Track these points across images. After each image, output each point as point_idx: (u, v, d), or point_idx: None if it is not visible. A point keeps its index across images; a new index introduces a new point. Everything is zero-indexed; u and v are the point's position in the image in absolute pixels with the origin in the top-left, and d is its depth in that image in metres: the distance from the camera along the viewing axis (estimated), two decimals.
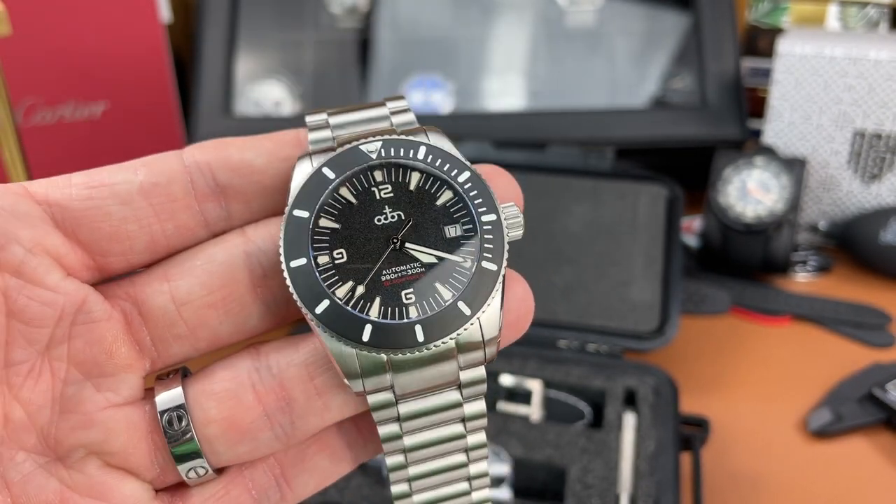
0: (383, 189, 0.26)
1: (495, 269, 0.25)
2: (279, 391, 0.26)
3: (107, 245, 0.25)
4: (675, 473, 0.59)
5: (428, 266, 0.25)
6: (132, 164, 0.26)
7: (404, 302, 0.25)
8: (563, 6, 0.95)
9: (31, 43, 0.80)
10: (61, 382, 0.25)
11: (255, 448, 0.26)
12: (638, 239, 0.77)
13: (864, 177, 0.86)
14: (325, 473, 0.27)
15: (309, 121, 0.27)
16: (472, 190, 0.26)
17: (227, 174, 0.26)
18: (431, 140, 0.26)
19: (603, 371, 0.67)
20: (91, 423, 0.25)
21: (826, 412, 0.68)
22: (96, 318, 0.25)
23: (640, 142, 0.88)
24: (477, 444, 0.27)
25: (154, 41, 0.85)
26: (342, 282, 0.25)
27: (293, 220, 0.25)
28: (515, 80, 0.94)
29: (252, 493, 0.27)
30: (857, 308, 0.80)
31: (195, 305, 0.26)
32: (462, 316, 0.25)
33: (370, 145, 0.25)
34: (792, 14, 1.01)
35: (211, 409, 0.26)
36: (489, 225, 0.25)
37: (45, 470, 0.25)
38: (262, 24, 0.93)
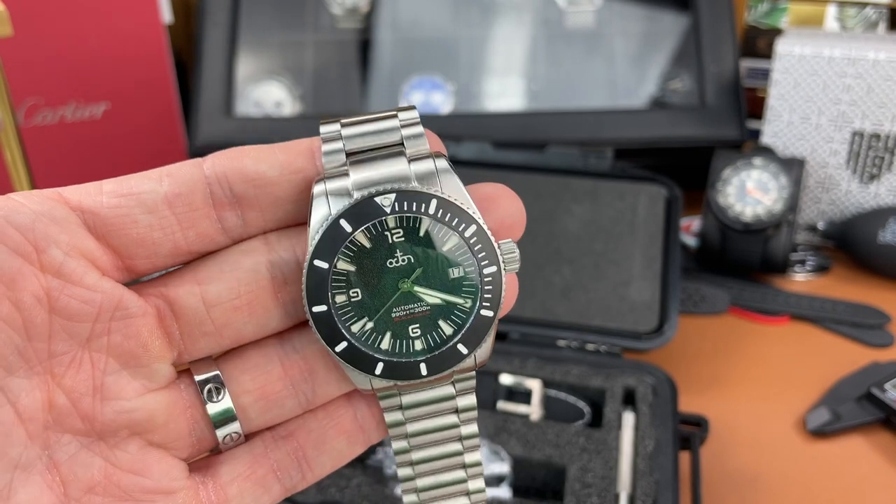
0: (395, 234, 0.28)
1: (491, 316, 0.29)
2: (303, 364, 0.29)
3: (134, 249, 0.27)
4: (674, 472, 0.59)
5: (433, 306, 0.28)
6: (157, 174, 0.28)
7: (411, 336, 0.28)
8: (563, 7, 0.95)
9: (32, 44, 0.80)
10: (101, 372, 0.27)
11: (281, 413, 0.29)
12: (637, 239, 0.77)
13: (862, 177, 0.86)
14: (341, 454, 0.30)
15: (323, 131, 0.29)
16: (477, 244, 0.28)
17: (242, 185, 0.28)
18: (443, 185, 0.28)
19: (602, 370, 0.67)
20: (133, 408, 0.27)
21: (824, 411, 0.68)
22: (133, 314, 0.27)
23: (640, 142, 0.88)
24: (470, 434, 0.30)
25: (155, 42, 0.86)
26: (357, 318, 0.28)
27: (313, 269, 0.28)
28: (515, 80, 0.94)
29: (276, 474, 0.29)
30: (856, 308, 0.80)
31: (223, 308, 0.28)
32: (460, 354, 0.28)
33: (384, 198, 0.28)
34: (790, 15, 1.01)
35: (245, 382, 0.29)
36: (489, 276, 0.28)
37: (90, 450, 0.27)
38: (263, 24, 0.94)
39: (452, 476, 0.31)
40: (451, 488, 0.31)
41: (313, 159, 0.28)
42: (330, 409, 0.30)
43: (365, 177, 0.28)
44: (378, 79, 0.95)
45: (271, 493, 0.30)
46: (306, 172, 0.28)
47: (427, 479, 0.30)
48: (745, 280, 0.85)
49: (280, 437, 0.30)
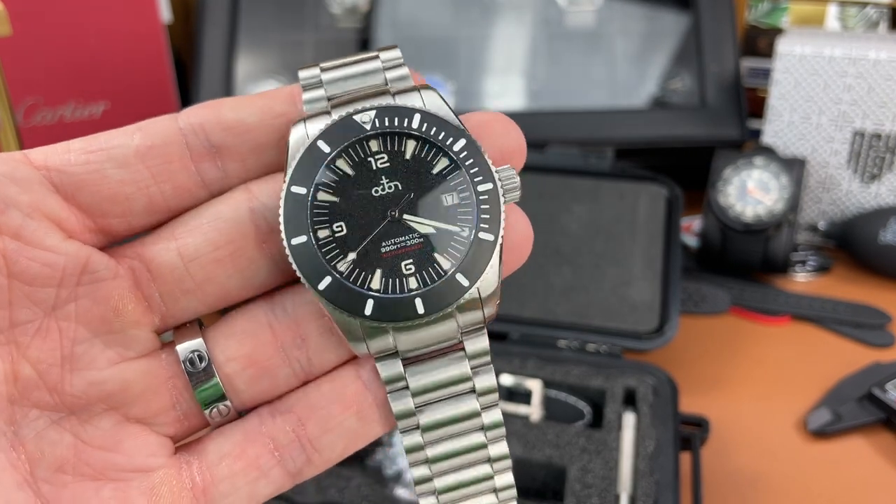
0: (379, 159, 0.26)
1: (492, 240, 0.26)
2: (294, 328, 0.26)
3: (107, 207, 0.26)
4: (674, 473, 0.59)
5: (426, 236, 0.25)
6: (128, 129, 0.26)
7: (404, 273, 0.25)
8: (563, 6, 0.95)
9: (31, 43, 0.80)
10: (70, 341, 0.25)
11: (274, 384, 0.27)
12: (637, 239, 0.77)
13: (863, 177, 0.86)
14: (353, 434, 0.27)
15: (302, 77, 0.27)
16: (468, 158, 0.26)
17: (220, 134, 0.26)
18: (426, 102, 0.26)
19: (602, 371, 0.67)
20: (105, 378, 0.26)
21: (825, 412, 0.68)
22: (101, 277, 0.26)
23: (640, 142, 0.88)
24: (493, 423, 0.27)
25: (154, 41, 0.86)
26: (343, 255, 0.25)
27: (291, 196, 0.25)
28: (515, 80, 0.94)
29: (274, 454, 0.27)
30: (857, 308, 0.80)
31: (203, 261, 0.26)
32: (460, 287, 0.25)
33: (364, 115, 0.26)
34: (791, 14, 1.01)
35: (230, 348, 0.26)
36: (485, 194, 0.26)
37: (59, 426, 0.25)
38: (263, 24, 0.94)
39: (476, 473, 0.27)
40: (474, 487, 0.27)
41: (294, 104, 0.27)
42: (335, 379, 0.27)
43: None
44: None
45: (270, 477, 0.27)
46: (288, 116, 0.27)
47: (446, 479, 0.27)
48: (746, 280, 0.85)
49: (278, 412, 0.27)
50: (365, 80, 0.27)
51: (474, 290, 0.25)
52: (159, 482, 0.26)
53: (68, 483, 0.25)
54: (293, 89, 0.27)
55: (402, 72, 0.27)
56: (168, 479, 0.26)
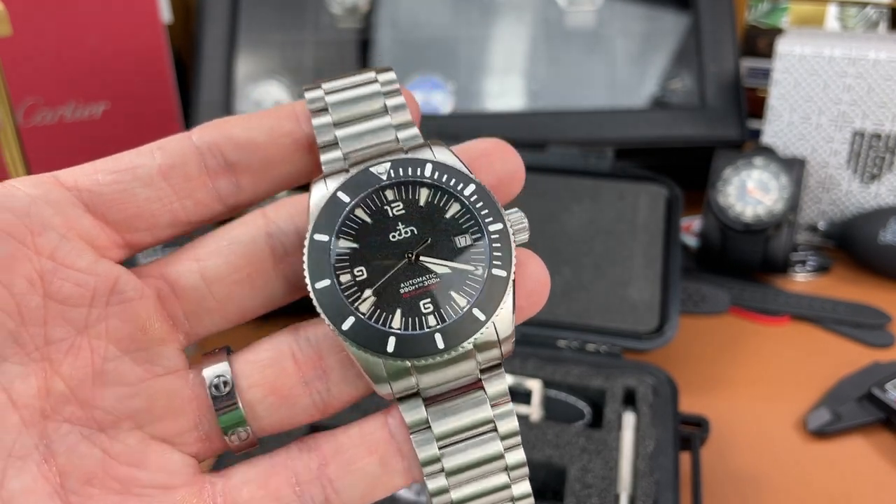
0: (395, 207, 0.27)
1: (505, 276, 0.27)
2: (317, 360, 0.28)
3: (134, 223, 0.27)
4: (674, 473, 0.59)
5: (442, 276, 0.27)
6: (148, 149, 0.28)
7: (423, 312, 0.26)
8: (563, 7, 0.95)
9: (31, 43, 0.80)
10: (101, 358, 0.26)
11: (294, 414, 0.28)
12: (637, 239, 0.77)
13: (863, 177, 0.86)
14: (373, 480, 0.27)
15: (309, 98, 0.29)
16: (479, 202, 0.27)
17: (234, 152, 0.28)
18: (437, 156, 0.28)
19: (602, 371, 0.67)
20: (133, 394, 0.27)
21: (825, 412, 0.68)
22: (129, 297, 0.27)
23: (640, 142, 0.88)
24: (517, 464, 0.28)
25: (155, 41, 0.86)
26: (364, 297, 0.26)
27: (314, 244, 0.27)
28: (515, 80, 0.94)
29: (295, 489, 0.27)
30: (857, 308, 0.80)
31: (224, 283, 0.28)
32: (478, 321, 0.26)
33: (380, 167, 0.27)
34: (791, 14, 1.01)
35: (254, 375, 0.28)
36: (496, 234, 0.27)
37: (89, 441, 0.26)
38: (263, 24, 0.94)
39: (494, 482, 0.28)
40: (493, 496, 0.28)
41: (298, 121, 0.29)
42: (364, 424, 0.28)
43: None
44: None
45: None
46: (294, 135, 0.28)
47: (465, 490, 0.28)
48: (746, 280, 0.85)
49: (305, 449, 0.28)
50: (366, 101, 0.29)
51: (491, 326, 0.26)
52: (180, 500, 0.27)
53: (95, 496, 0.26)
54: (295, 107, 0.29)
55: (399, 100, 0.29)
56: (189, 499, 0.27)
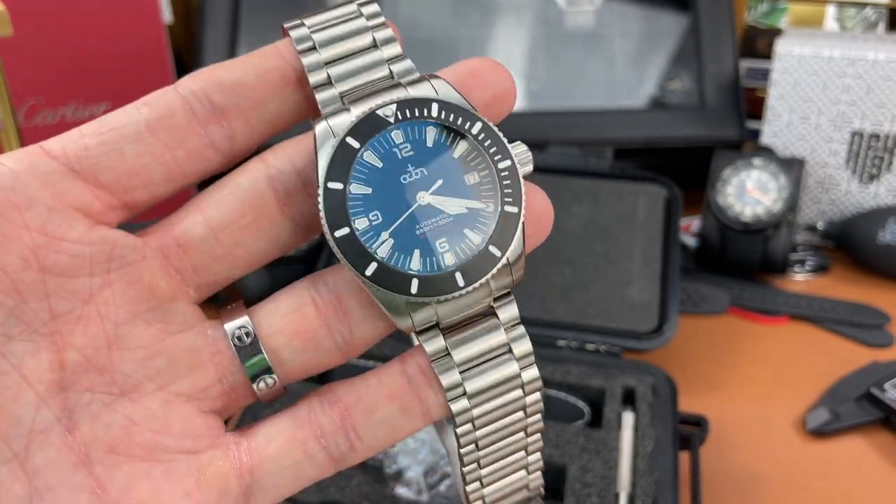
0: (404, 149, 0.28)
1: (517, 212, 0.28)
2: (336, 303, 0.28)
3: (128, 182, 0.27)
4: (673, 472, 0.59)
5: (455, 215, 0.27)
6: (133, 106, 0.28)
7: (439, 250, 0.27)
8: (563, 7, 0.95)
9: (32, 44, 0.80)
10: (113, 324, 0.26)
11: (318, 357, 0.28)
12: (637, 239, 0.77)
13: (862, 177, 0.87)
14: (395, 425, 0.28)
15: (295, 37, 0.29)
16: (486, 140, 0.28)
17: (221, 96, 0.28)
18: (439, 92, 0.28)
19: (602, 370, 0.67)
20: (152, 354, 0.27)
21: (824, 411, 0.68)
22: (130, 260, 0.27)
23: (639, 142, 0.88)
24: (531, 379, 0.29)
25: (155, 42, 0.86)
26: (382, 241, 0.27)
27: (329, 192, 0.27)
28: (515, 80, 0.94)
29: (321, 441, 0.28)
30: (856, 308, 0.80)
31: (230, 230, 0.28)
32: (494, 258, 0.27)
33: (386, 109, 0.27)
34: (790, 15, 1.01)
35: (276, 323, 0.28)
36: (505, 171, 0.28)
37: (111, 408, 0.26)
38: (263, 24, 0.94)
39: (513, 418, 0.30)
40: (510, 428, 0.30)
41: (283, 57, 0.29)
42: (382, 374, 0.28)
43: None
44: None
45: (315, 461, 0.28)
46: (281, 70, 0.28)
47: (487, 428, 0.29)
48: (745, 280, 0.85)
49: (327, 402, 0.28)
50: (355, 41, 0.29)
51: (505, 260, 0.27)
52: (206, 463, 0.27)
53: (121, 464, 0.26)
54: (278, 45, 0.29)
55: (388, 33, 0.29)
56: (215, 461, 0.27)
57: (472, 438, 0.29)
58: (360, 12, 0.29)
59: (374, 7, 0.30)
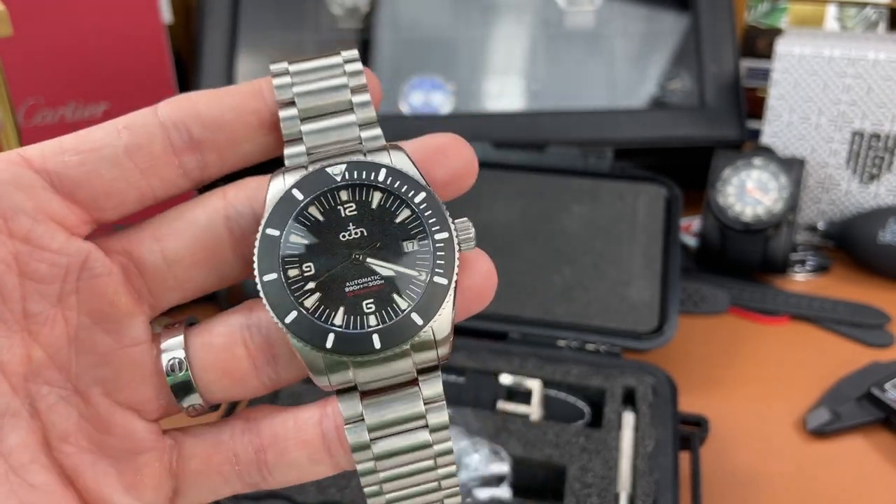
0: (348, 207, 0.28)
1: (446, 283, 0.28)
2: (266, 348, 0.29)
3: (102, 202, 0.28)
4: (674, 472, 0.59)
5: (387, 279, 0.28)
6: (115, 127, 0.28)
7: (365, 311, 0.27)
8: (563, 7, 0.95)
9: (32, 44, 0.80)
10: (75, 328, 0.28)
11: (244, 392, 0.30)
12: (637, 239, 0.77)
13: (862, 177, 0.87)
14: (301, 469, 0.30)
15: (276, 85, 0.29)
16: (427, 210, 0.28)
17: (200, 129, 0.29)
18: (393, 161, 0.29)
19: (602, 370, 0.67)
20: (103, 362, 0.28)
21: (824, 411, 0.68)
22: (98, 273, 0.28)
23: (640, 142, 0.88)
24: (443, 451, 0.29)
25: (155, 42, 0.86)
26: (310, 293, 0.27)
27: (265, 238, 0.27)
28: (515, 80, 0.94)
29: (235, 468, 0.30)
30: (856, 308, 0.80)
31: (183, 264, 0.29)
32: (415, 325, 0.27)
33: (335, 168, 0.28)
34: (790, 15, 1.01)
35: (208, 360, 0.29)
36: (441, 242, 0.28)
37: (66, 402, 0.28)
38: (263, 24, 0.94)
39: (427, 487, 0.30)
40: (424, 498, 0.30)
41: (265, 100, 0.29)
42: (300, 420, 0.29)
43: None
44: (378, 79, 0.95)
45: (230, 483, 0.30)
46: (260, 113, 0.29)
47: (397, 493, 0.29)
48: (745, 280, 0.85)
49: (248, 432, 0.30)
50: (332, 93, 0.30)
51: (428, 330, 0.27)
52: (145, 462, 0.29)
53: (72, 454, 0.28)
54: (262, 85, 0.30)
55: (365, 97, 0.30)
56: (152, 461, 0.29)
57: (381, 502, 0.29)
58: (343, 69, 0.30)
59: (358, 65, 0.30)
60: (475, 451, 0.60)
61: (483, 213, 0.79)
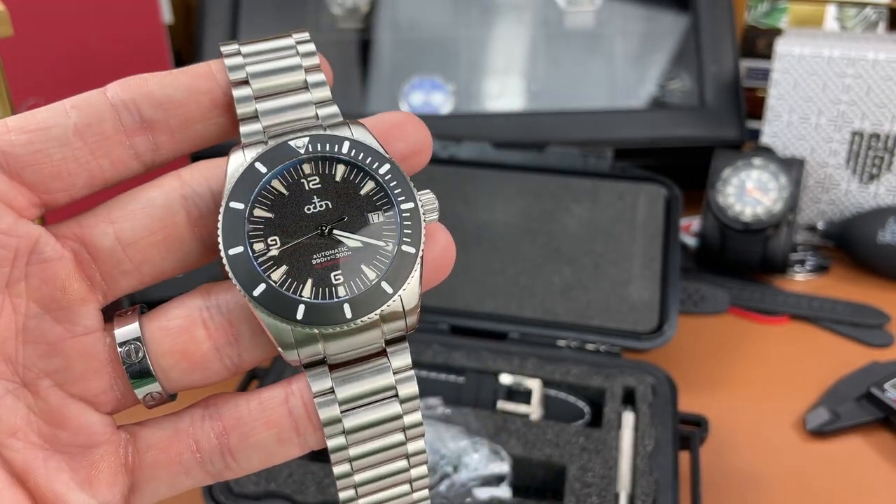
0: (312, 180, 0.28)
1: (414, 252, 0.28)
2: (227, 328, 0.28)
3: (50, 184, 0.27)
4: (673, 472, 0.59)
5: (354, 250, 0.28)
6: (62, 106, 0.28)
7: (333, 283, 0.27)
8: (563, 7, 0.95)
9: (32, 44, 0.80)
10: (23, 316, 0.27)
11: (206, 377, 0.29)
12: (637, 239, 0.77)
13: (862, 177, 0.87)
14: (269, 451, 0.29)
15: (228, 65, 0.29)
16: (392, 181, 0.28)
17: (151, 110, 0.28)
18: (355, 135, 0.29)
19: (602, 370, 0.67)
20: (53, 352, 0.27)
21: (824, 411, 0.68)
22: (48, 257, 0.27)
23: (639, 142, 0.88)
24: (413, 423, 0.29)
25: (155, 42, 0.86)
26: (276, 266, 0.27)
27: (230, 211, 0.27)
28: (515, 80, 0.94)
29: (195, 455, 0.29)
30: (855, 307, 0.80)
31: (139, 245, 0.28)
32: (385, 294, 0.27)
33: (298, 141, 0.28)
34: (790, 15, 1.01)
35: (166, 342, 0.28)
36: (408, 212, 0.28)
37: (14, 395, 0.27)
38: (263, 25, 0.94)
39: (394, 467, 0.29)
40: (392, 479, 0.29)
41: (216, 80, 0.29)
42: (264, 399, 0.29)
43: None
44: (378, 79, 0.95)
45: (191, 474, 0.29)
46: (212, 93, 0.29)
47: (366, 474, 0.29)
48: (745, 280, 0.85)
49: (208, 417, 0.29)
50: (286, 73, 0.29)
51: (397, 299, 0.27)
52: (99, 457, 0.28)
53: (20, 449, 0.27)
54: (212, 66, 0.29)
55: (320, 77, 0.29)
56: (107, 456, 0.28)
57: (351, 483, 0.29)
58: (296, 50, 0.30)
59: (311, 46, 0.30)
60: (475, 451, 0.61)
61: (483, 213, 0.79)
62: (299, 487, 0.58)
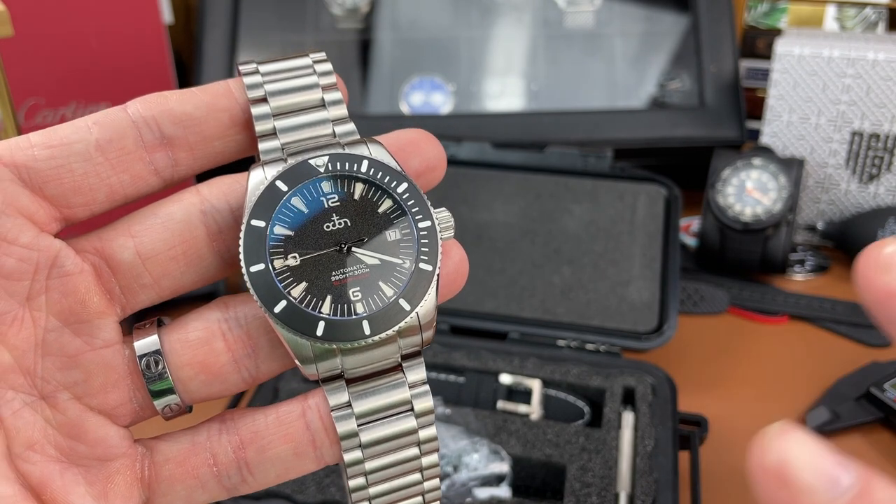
0: (331, 199, 0.29)
1: (430, 270, 0.28)
2: (246, 340, 0.29)
3: (71, 198, 0.28)
4: (673, 472, 0.59)
5: (372, 267, 0.28)
6: (84, 123, 0.28)
7: (352, 299, 0.28)
8: (563, 7, 0.95)
9: (33, 44, 0.80)
10: (42, 329, 0.27)
11: (224, 388, 0.29)
12: (636, 239, 0.77)
13: (861, 177, 0.87)
14: (286, 465, 0.29)
15: (247, 84, 0.29)
16: (410, 199, 0.29)
17: (171, 127, 0.28)
18: (373, 153, 0.29)
19: (602, 370, 0.67)
20: (72, 365, 0.28)
21: (824, 411, 0.68)
22: (69, 271, 0.27)
23: (639, 142, 0.88)
24: (428, 438, 0.29)
25: (155, 42, 0.86)
26: (296, 283, 0.28)
27: (251, 229, 0.28)
28: (515, 80, 0.94)
29: (213, 469, 0.29)
30: (855, 307, 0.80)
31: (159, 259, 0.28)
32: (403, 311, 0.28)
33: (318, 160, 0.29)
34: (790, 15, 1.02)
35: (185, 354, 0.29)
36: (425, 230, 0.29)
37: (32, 408, 0.27)
38: (263, 25, 0.94)
39: (408, 480, 0.30)
40: (406, 491, 0.30)
41: (235, 99, 0.29)
42: (282, 414, 0.29)
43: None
44: (378, 79, 0.95)
45: (207, 488, 0.29)
46: (231, 111, 0.29)
47: (380, 486, 0.29)
48: (745, 280, 0.85)
49: (225, 431, 0.29)
50: (304, 91, 0.30)
51: (414, 315, 0.28)
52: (115, 471, 0.28)
53: (37, 462, 0.27)
54: (231, 85, 0.30)
55: (337, 95, 0.30)
56: (123, 469, 0.28)
57: (365, 496, 0.29)
58: (313, 69, 0.30)
59: (327, 66, 0.31)
60: (475, 451, 0.61)
61: (483, 213, 0.79)
62: (299, 487, 0.58)
